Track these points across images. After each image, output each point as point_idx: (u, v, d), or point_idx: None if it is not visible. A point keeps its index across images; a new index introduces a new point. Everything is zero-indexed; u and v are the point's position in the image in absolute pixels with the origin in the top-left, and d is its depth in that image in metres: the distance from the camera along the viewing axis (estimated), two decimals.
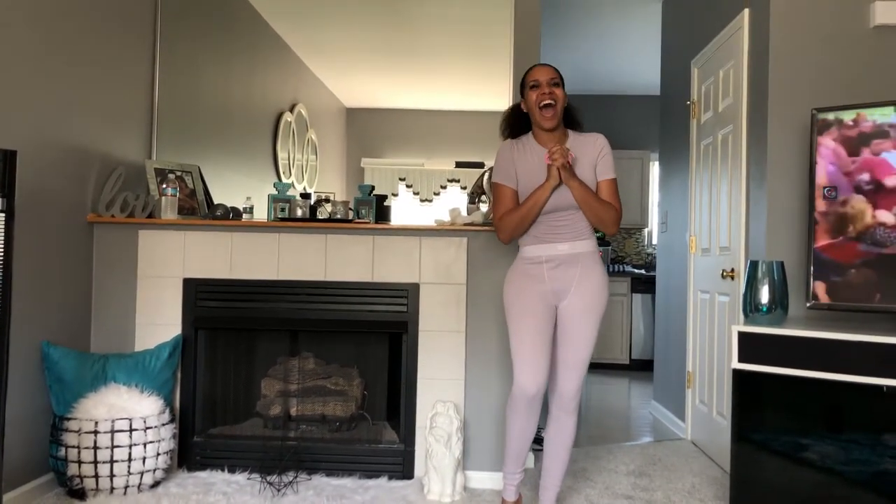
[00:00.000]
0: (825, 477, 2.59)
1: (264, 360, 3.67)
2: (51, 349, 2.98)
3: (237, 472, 3.28)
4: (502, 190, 2.73)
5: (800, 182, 3.22)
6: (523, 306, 2.69)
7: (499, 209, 2.72)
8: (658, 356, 5.22)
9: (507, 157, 2.74)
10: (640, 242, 8.11)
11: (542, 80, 2.67)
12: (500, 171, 2.74)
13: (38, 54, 2.89)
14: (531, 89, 2.69)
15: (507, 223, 2.69)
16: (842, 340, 2.56)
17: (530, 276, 2.71)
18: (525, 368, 2.65)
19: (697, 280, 4.29)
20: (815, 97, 3.21)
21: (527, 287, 2.70)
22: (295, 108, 4.37)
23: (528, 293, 2.69)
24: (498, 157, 2.77)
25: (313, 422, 3.53)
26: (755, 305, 2.88)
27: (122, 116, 3.53)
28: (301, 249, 3.36)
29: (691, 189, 4.45)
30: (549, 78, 2.68)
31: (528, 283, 2.70)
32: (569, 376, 2.72)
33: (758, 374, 2.72)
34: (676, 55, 4.94)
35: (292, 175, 4.36)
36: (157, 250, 3.37)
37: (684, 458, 3.95)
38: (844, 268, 2.81)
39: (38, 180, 2.92)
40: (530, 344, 2.65)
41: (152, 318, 3.36)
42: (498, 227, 2.73)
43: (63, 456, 2.90)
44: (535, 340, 2.66)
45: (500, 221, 2.71)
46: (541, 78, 2.68)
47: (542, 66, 2.75)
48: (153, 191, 3.49)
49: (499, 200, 2.73)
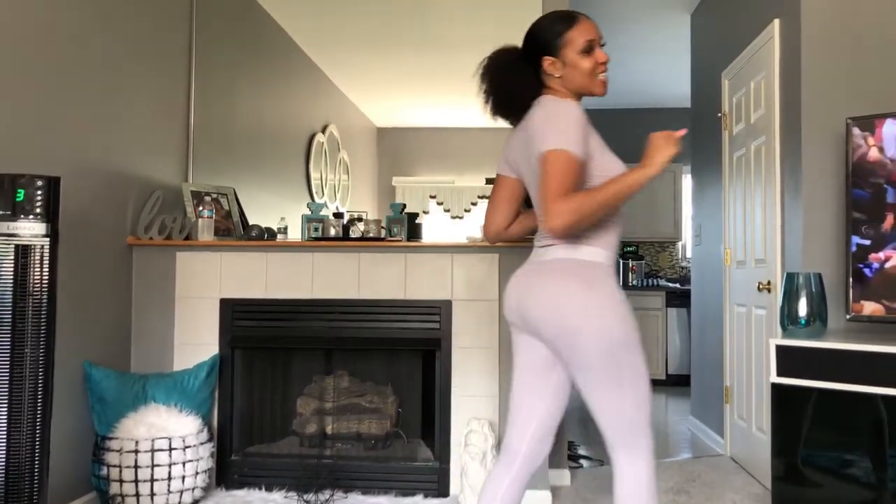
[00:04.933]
0: (870, 493, 2.53)
1: (300, 379, 3.71)
2: (93, 370, 3.04)
3: (274, 491, 3.31)
4: (574, 162, 1.82)
5: (836, 191, 3.17)
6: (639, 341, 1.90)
7: (565, 184, 1.78)
8: (695, 371, 5.15)
9: (585, 123, 1.89)
10: (674, 256, 8.03)
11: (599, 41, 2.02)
12: (575, 137, 1.84)
13: (78, 84, 2.98)
14: (585, 52, 1.97)
15: (584, 206, 1.78)
16: (883, 353, 2.50)
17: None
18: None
19: (733, 293, 4.23)
20: (848, 106, 3.17)
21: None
22: (327, 130, 4.43)
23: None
24: (569, 119, 1.86)
25: (349, 440, 3.55)
26: (793, 318, 2.84)
27: (159, 141, 3.61)
28: (334, 268, 3.40)
29: (725, 201, 4.41)
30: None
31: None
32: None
33: (797, 389, 2.68)
34: (707, 67, 4.92)
35: (325, 195, 4.41)
36: (195, 271, 3.44)
37: (724, 474, 3.88)
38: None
39: (79, 205, 3.00)
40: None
41: (190, 339, 3.42)
42: (561, 209, 1.76)
43: (105, 475, 2.96)
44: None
45: (569, 202, 1.77)
46: (598, 38, 2.01)
47: (588, 18, 2.04)
48: (190, 213, 3.56)
49: (566, 173, 1.80)
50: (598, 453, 4.26)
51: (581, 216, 1.77)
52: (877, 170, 2.81)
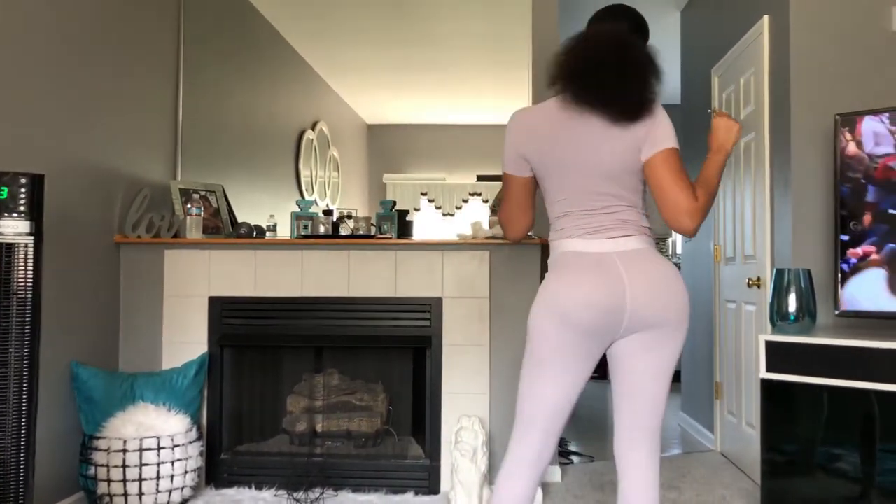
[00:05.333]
0: (858, 488, 2.54)
1: (289, 377, 3.69)
2: (80, 369, 3.02)
3: (264, 489, 3.29)
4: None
5: (825, 187, 3.18)
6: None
7: (689, 181, 1.90)
8: (685, 367, 5.17)
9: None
10: (665, 252, 8.04)
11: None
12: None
13: (63, 79, 2.96)
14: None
15: (709, 204, 1.93)
16: (872, 348, 2.51)
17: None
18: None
19: (723, 289, 4.24)
20: (837, 102, 3.17)
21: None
22: (317, 126, 4.41)
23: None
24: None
25: (339, 438, 3.54)
26: (782, 314, 2.84)
27: (146, 138, 3.59)
28: (324, 266, 3.39)
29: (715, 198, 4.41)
30: None
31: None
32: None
33: (786, 384, 2.68)
34: (696, 63, 4.92)
35: (315, 192, 4.39)
36: (183, 269, 3.41)
37: (714, 470, 3.89)
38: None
39: (65, 203, 2.98)
40: None
41: (179, 337, 3.40)
42: (702, 208, 1.89)
43: (93, 475, 2.93)
44: None
45: (700, 201, 1.90)
46: None
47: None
48: (178, 211, 3.53)
49: (684, 170, 1.90)
50: (589, 449, 4.26)
51: (707, 213, 1.89)
52: (854, 165, 2.82)
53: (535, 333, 1.86)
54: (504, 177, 2.01)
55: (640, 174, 1.91)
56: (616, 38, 1.86)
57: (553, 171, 1.91)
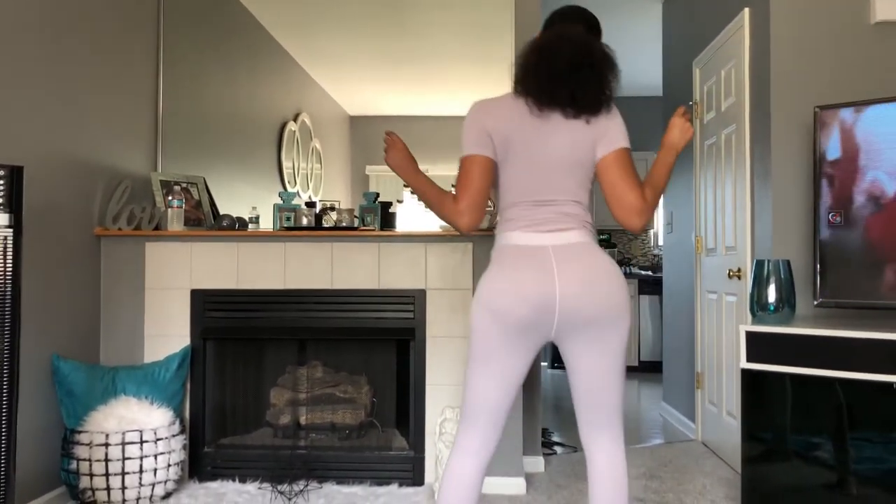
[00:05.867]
0: (836, 475, 2.58)
1: (273, 370, 3.68)
2: (61, 363, 2.99)
3: (248, 482, 3.29)
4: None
5: (804, 179, 3.21)
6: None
7: (639, 181, 1.96)
8: (667, 357, 5.21)
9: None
10: (647, 244, 8.09)
11: None
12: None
13: (42, 70, 2.92)
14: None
15: (657, 200, 2.00)
16: (850, 338, 2.55)
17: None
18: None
19: (705, 280, 4.28)
20: (817, 94, 3.20)
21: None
22: (299, 118, 4.38)
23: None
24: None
25: (323, 430, 3.54)
26: (762, 305, 2.87)
27: (127, 130, 3.55)
28: (307, 258, 3.37)
29: (696, 189, 4.45)
30: None
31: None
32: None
33: (766, 374, 2.72)
34: (678, 55, 4.95)
35: (297, 184, 4.37)
36: (165, 262, 3.39)
37: (695, 459, 3.94)
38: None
39: (44, 195, 2.94)
40: None
41: (161, 330, 3.38)
42: (650, 206, 1.93)
43: (75, 469, 2.91)
44: None
45: (648, 199, 1.95)
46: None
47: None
48: (159, 203, 3.50)
49: (635, 170, 1.97)
50: (572, 440, 4.29)
51: (654, 211, 1.94)
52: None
53: (472, 329, 1.91)
54: (465, 161, 1.96)
55: (590, 170, 1.95)
56: (578, 40, 1.94)
57: (513, 156, 1.93)
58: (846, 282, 2.84)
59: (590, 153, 1.93)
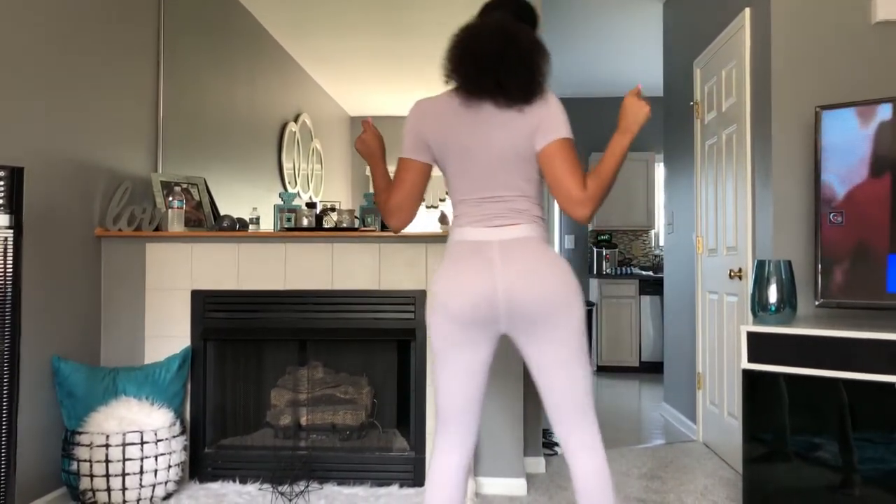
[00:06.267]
0: (838, 476, 2.57)
1: (273, 370, 3.68)
2: (61, 364, 2.99)
3: (249, 483, 3.29)
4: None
5: (805, 179, 3.21)
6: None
7: (581, 171, 1.91)
8: (668, 358, 5.21)
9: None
10: (648, 244, 8.09)
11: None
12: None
13: (42, 72, 2.91)
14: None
15: (603, 191, 1.91)
16: (852, 338, 2.54)
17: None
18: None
19: (705, 281, 4.28)
20: (818, 94, 3.20)
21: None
22: (299, 118, 4.38)
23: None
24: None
25: (324, 431, 3.53)
26: (763, 305, 2.87)
27: (127, 131, 3.55)
28: (308, 259, 3.37)
29: (697, 189, 4.45)
30: None
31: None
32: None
33: (767, 374, 2.71)
34: (678, 56, 4.94)
35: (298, 185, 4.37)
36: (165, 263, 3.39)
37: (696, 459, 3.93)
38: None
39: (45, 196, 2.94)
40: None
41: (161, 331, 3.38)
42: (592, 197, 1.87)
43: (75, 470, 2.91)
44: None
45: (590, 189, 1.89)
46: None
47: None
48: (160, 204, 3.50)
49: (579, 162, 1.93)
50: None
51: (602, 200, 1.88)
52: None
53: (428, 326, 1.93)
54: (400, 162, 2.01)
55: (534, 163, 1.92)
56: (500, 26, 1.91)
57: (451, 157, 1.94)
58: (847, 282, 2.84)
59: (528, 145, 1.89)
